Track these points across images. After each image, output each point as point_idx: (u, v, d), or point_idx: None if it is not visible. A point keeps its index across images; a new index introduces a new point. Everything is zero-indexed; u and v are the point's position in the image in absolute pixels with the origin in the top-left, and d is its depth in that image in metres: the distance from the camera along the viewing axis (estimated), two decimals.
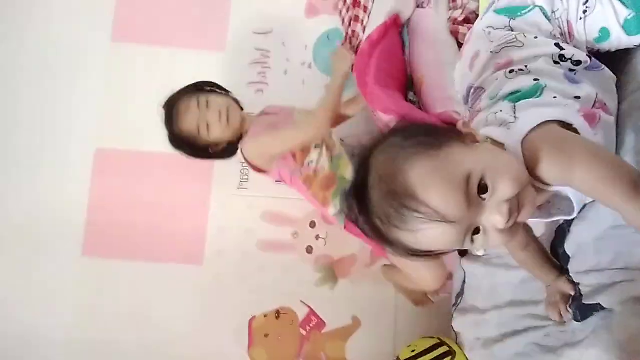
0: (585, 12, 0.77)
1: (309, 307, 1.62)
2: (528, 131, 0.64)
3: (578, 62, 0.74)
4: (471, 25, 1.31)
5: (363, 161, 0.65)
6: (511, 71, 0.75)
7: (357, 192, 0.65)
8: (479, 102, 0.79)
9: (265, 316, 1.62)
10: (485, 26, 0.84)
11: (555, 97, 0.69)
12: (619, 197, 0.57)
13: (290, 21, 1.75)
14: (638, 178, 0.57)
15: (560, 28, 0.80)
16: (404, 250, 0.64)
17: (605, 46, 0.79)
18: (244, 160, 1.48)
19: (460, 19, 1.32)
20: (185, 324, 1.61)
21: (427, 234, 0.60)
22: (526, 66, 0.74)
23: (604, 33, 0.77)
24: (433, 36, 1.32)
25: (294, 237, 1.66)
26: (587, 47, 0.79)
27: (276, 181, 1.52)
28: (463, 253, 1.23)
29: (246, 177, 1.69)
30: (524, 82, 0.72)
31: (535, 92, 0.70)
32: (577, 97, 0.70)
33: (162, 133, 1.71)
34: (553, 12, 0.80)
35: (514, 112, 0.68)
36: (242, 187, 1.68)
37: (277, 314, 1.62)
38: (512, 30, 0.80)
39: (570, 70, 0.74)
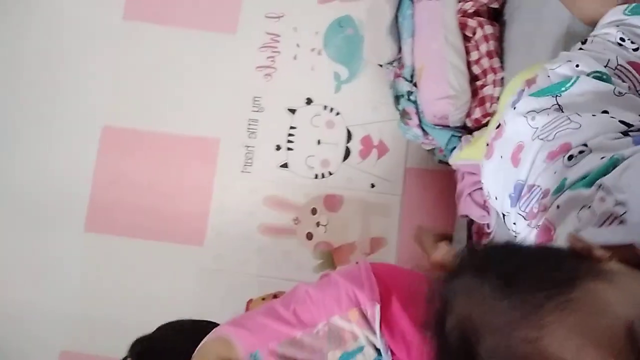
0: (632, 42, 0.67)
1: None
2: None
3: None
4: (481, 18, 1.30)
5: (452, 328, 0.43)
6: (570, 157, 0.61)
7: None
8: (535, 201, 0.63)
9: (262, 299, 1.63)
10: (525, 112, 0.69)
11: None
12: None
13: (303, 7, 1.73)
14: None
15: (624, 73, 0.67)
16: None
17: None
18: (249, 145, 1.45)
19: (471, 11, 1.30)
20: (184, 302, 1.64)
21: None
22: (586, 145, 0.61)
23: None
24: (439, 28, 1.31)
25: (295, 222, 1.67)
26: None
27: None
28: None
29: (250, 160, 1.70)
30: (592, 163, 0.58)
31: (615, 165, 0.55)
32: None
33: (170, 114, 1.73)
34: (606, 66, 0.68)
35: (610, 193, 0.51)
36: (245, 170, 1.69)
37: (275, 297, 1.64)
38: (561, 110, 0.66)
39: None
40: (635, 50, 0.70)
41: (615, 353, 0.37)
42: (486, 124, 1.32)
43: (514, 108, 0.73)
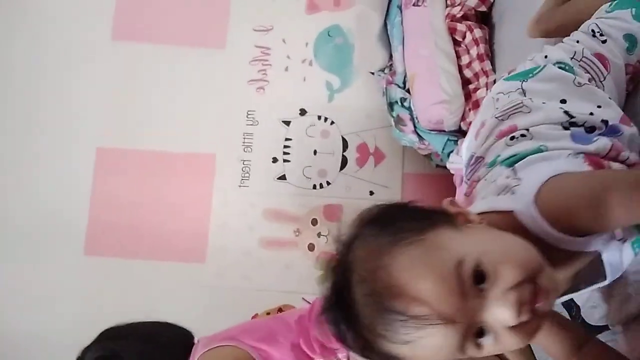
0: (601, 35, 0.72)
1: (309, 303, 1.63)
2: (538, 188, 0.55)
3: (591, 129, 0.66)
4: (469, 22, 1.31)
5: (341, 261, 0.54)
6: (512, 137, 0.67)
7: (339, 300, 0.53)
8: (477, 172, 0.71)
9: (267, 313, 1.63)
10: (494, 93, 0.76)
11: (557, 152, 0.62)
12: None
13: (291, 18, 1.74)
14: None
15: (588, 64, 0.73)
16: None
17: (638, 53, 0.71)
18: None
19: (459, 15, 1.31)
20: (188, 321, 1.62)
21: (424, 343, 0.49)
22: (528, 130, 0.66)
23: (630, 40, 0.71)
24: (428, 34, 1.32)
25: (296, 234, 1.67)
26: (630, 66, 0.73)
27: None
28: None
29: (247, 174, 1.69)
30: (525, 146, 0.65)
31: (535, 153, 0.63)
32: (586, 154, 0.63)
33: (164, 132, 1.72)
34: (572, 57, 0.73)
35: (515, 175, 0.60)
36: (243, 185, 1.69)
37: (280, 311, 1.63)
38: (524, 94, 0.71)
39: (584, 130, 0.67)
40: (603, 42, 0.74)
41: (442, 278, 0.49)
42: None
43: (491, 90, 0.81)
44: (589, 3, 0.81)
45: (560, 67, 0.72)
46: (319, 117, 1.70)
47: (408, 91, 1.41)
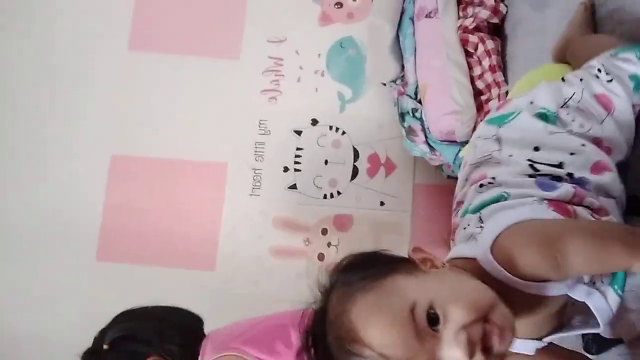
0: (607, 74, 0.72)
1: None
2: (496, 236, 0.58)
3: (557, 179, 0.67)
4: (481, 33, 1.32)
5: (319, 307, 0.60)
6: (481, 185, 0.70)
7: (316, 342, 0.59)
8: (455, 218, 0.75)
9: None
10: (475, 137, 0.79)
11: (521, 198, 0.64)
12: (621, 258, 0.54)
13: (304, 30, 1.76)
14: (629, 230, 0.56)
15: (584, 109, 0.72)
16: None
17: None
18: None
19: (471, 27, 1.32)
20: None
21: None
22: (494, 178, 0.69)
23: (636, 80, 0.71)
24: (440, 46, 1.32)
25: (306, 243, 1.67)
26: (638, 106, 0.73)
27: None
28: None
29: (258, 183, 1.70)
30: (490, 194, 0.67)
31: (498, 200, 0.65)
32: (549, 200, 0.64)
33: (177, 140, 1.74)
34: (562, 105, 0.73)
35: (479, 222, 0.63)
36: (254, 193, 1.70)
37: None
38: (499, 140, 0.73)
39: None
40: (609, 81, 0.73)
41: (396, 322, 0.52)
42: None
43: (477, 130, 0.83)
44: (601, 43, 0.82)
45: (539, 114, 0.73)
46: (331, 127, 1.71)
47: (419, 102, 1.42)
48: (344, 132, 1.70)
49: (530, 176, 0.68)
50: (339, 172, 1.68)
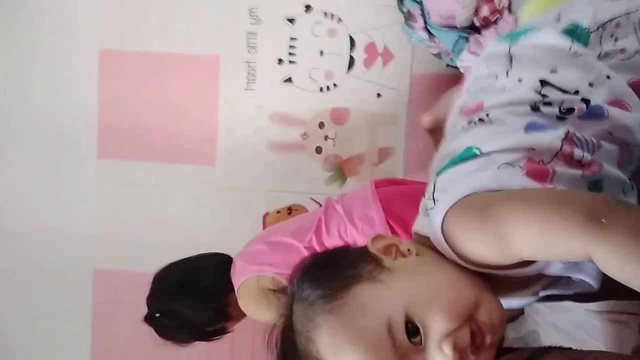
0: None
1: (319, 203, 1.69)
2: (445, 212, 0.48)
3: (569, 110, 0.54)
4: None
5: (286, 323, 0.52)
6: (470, 122, 0.57)
7: (285, 345, 0.51)
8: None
9: (278, 212, 1.70)
10: (483, 56, 0.64)
11: (489, 158, 0.51)
12: (576, 239, 0.41)
13: None
14: (596, 204, 0.41)
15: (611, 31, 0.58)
16: None
17: None
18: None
19: None
20: (201, 222, 1.71)
21: None
22: (488, 115, 0.56)
23: None
24: None
25: (303, 137, 1.68)
26: None
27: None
28: None
29: (253, 77, 1.66)
30: (464, 142, 0.55)
31: (463, 159, 0.53)
32: (531, 149, 0.52)
33: (164, 33, 1.67)
34: (606, 23, 0.58)
35: (434, 193, 0.52)
36: (249, 88, 1.67)
37: (289, 210, 1.70)
38: (510, 59, 0.59)
39: (557, 117, 0.54)
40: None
41: (374, 347, 0.45)
42: (495, 22, 1.26)
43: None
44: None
45: (567, 30, 0.59)
46: (325, 14, 1.61)
47: None
48: (339, 19, 1.62)
49: (533, 108, 0.55)
50: (335, 64, 1.63)
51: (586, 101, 0.55)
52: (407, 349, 0.45)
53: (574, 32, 0.59)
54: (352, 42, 1.62)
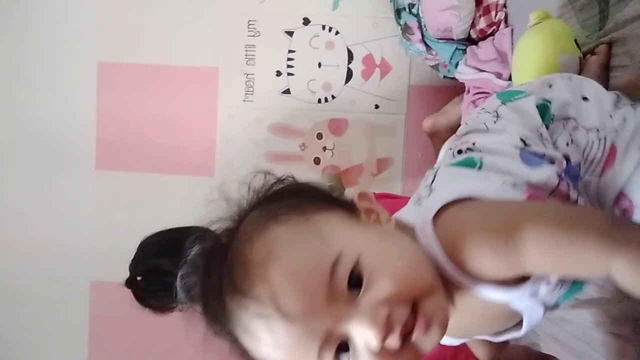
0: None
1: None
2: (443, 204, 0.45)
3: (552, 159, 0.53)
4: None
5: (231, 227, 0.50)
6: (459, 151, 0.56)
7: (211, 260, 0.48)
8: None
9: None
10: (480, 108, 0.64)
11: (493, 174, 0.50)
12: (596, 255, 0.37)
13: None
14: (611, 221, 0.39)
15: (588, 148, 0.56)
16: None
17: None
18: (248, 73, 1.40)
19: None
20: None
21: (267, 340, 0.41)
22: (474, 144, 0.54)
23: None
24: None
25: (302, 148, 1.68)
26: None
27: None
28: None
29: (251, 88, 1.67)
30: (462, 157, 0.54)
31: (468, 164, 0.51)
32: (530, 183, 0.50)
33: (163, 45, 1.68)
34: (570, 120, 0.57)
35: (431, 184, 0.50)
36: (247, 99, 1.68)
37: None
38: (498, 117, 0.59)
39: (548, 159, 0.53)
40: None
41: (310, 270, 0.41)
42: (492, 34, 1.27)
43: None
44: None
45: (541, 105, 0.58)
46: (323, 27, 1.63)
47: None
48: (337, 32, 1.63)
49: (521, 147, 0.53)
50: (333, 76, 1.64)
51: (566, 157, 0.54)
52: (339, 293, 0.41)
53: (545, 108, 0.58)
54: (349, 54, 1.63)
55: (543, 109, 0.58)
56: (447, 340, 0.51)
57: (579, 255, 0.38)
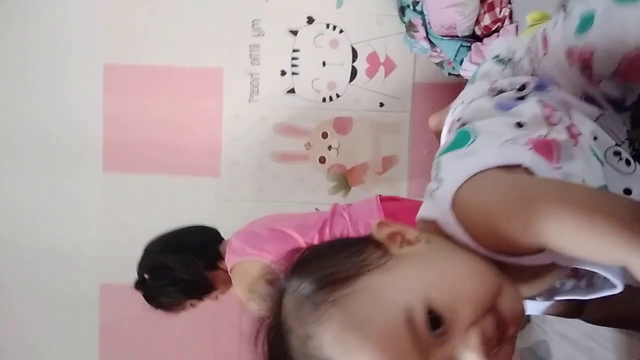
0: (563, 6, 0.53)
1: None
2: (455, 190, 0.44)
3: (522, 87, 0.53)
4: None
5: (274, 321, 0.46)
6: (449, 131, 0.56)
7: (274, 339, 0.45)
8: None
9: None
10: (480, 74, 0.65)
11: (489, 138, 0.49)
12: (615, 244, 0.36)
13: None
14: (633, 211, 0.37)
15: (531, 53, 0.58)
16: None
17: (591, 37, 0.51)
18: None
19: None
20: None
21: None
22: (459, 119, 0.54)
23: (585, 19, 0.51)
24: None
25: (307, 147, 1.68)
26: (566, 51, 0.53)
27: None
28: None
29: (256, 88, 1.67)
30: (453, 136, 0.53)
31: (463, 140, 0.50)
32: (519, 124, 0.49)
33: (168, 46, 1.68)
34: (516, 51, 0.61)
35: (437, 173, 0.49)
36: (252, 99, 1.68)
37: None
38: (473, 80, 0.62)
39: (517, 98, 0.53)
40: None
41: (393, 343, 0.39)
42: (496, 30, 1.26)
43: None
44: None
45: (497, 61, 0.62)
46: (327, 26, 1.63)
47: None
48: (341, 31, 1.63)
49: (490, 94, 0.54)
50: (337, 74, 1.64)
51: (533, 75, 0.55)
52: (428, 341, 0.40)
53: (500, 60, 0.62)
54: (354, 52, 1.63)
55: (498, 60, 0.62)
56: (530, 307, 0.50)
57: (596, 245, 0.38)
